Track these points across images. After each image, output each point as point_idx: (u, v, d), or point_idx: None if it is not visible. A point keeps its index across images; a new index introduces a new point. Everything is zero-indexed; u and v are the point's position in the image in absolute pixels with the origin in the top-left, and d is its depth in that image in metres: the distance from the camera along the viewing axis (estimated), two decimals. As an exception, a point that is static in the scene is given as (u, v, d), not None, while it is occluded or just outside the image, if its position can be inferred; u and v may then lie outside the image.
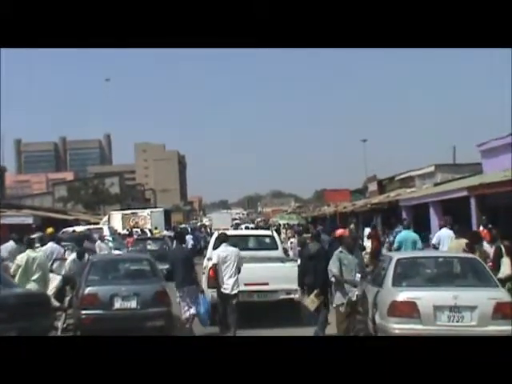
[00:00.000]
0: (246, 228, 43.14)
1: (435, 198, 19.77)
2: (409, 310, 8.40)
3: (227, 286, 10.83)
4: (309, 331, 10.44)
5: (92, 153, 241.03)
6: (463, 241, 12.32)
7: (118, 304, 10.62)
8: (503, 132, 20.50)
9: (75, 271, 12.13)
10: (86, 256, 12.91)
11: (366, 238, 22.98)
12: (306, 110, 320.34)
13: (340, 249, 9.76)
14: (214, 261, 11.08)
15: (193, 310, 11.08)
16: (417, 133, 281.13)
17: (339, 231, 11.47)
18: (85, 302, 10.64)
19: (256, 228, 44.06)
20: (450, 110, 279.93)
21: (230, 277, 10.84)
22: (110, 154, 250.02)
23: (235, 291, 10.85)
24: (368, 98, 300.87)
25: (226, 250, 11.16)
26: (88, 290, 10.77)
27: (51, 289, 11.83)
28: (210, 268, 11.59)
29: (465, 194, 17.39)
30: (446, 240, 13.96)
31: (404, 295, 8.57)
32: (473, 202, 16.97)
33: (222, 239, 11.62)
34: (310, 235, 17.80)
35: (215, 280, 11.05)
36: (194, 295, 11.21)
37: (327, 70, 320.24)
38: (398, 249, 15.16)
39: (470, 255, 10.55)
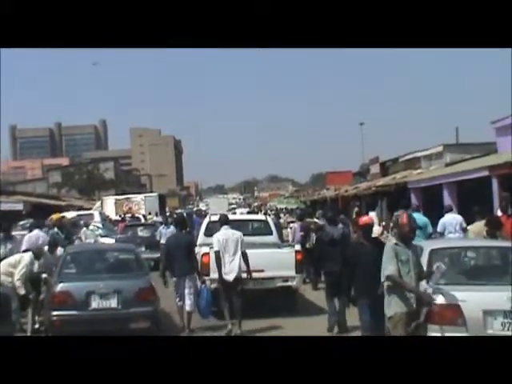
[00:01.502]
0: (241, 213, 42.65)
1: (450, 178, 18.20)
2: (452, 316, 6.55)
3: (230, 272, 10.19)
4: (307, 320, 10.06)
5: (88, 138, 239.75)
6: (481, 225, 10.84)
7: (95, 303, 9.14)
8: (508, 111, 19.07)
9: (47, 266, 10.52)
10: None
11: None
12: (303, 94, 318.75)
13: (394, 240, 6.93)
14: (216, 247, 10.34)
15: (190, 303, 10.24)
16: (417, 114, 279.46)
17: (364, 218, 9.26)
18: (56, 301, 9.15)
19: (251, 212, 43.36)
20: (452, 90, 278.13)
21: (233, 262, 10.22)
22: (105, 140, 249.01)
23: (238, 277, 10.25)
24: (365, 80, 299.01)
25: (226, 233, 10.47)
26: (60, 286, 9.28)
27: (19, 270, 10.00)
28: (204, 254, 11.08)
29: (485, 173, 15.95)
30: (451, 227, 13.00)
31: (445, 298, 6.63)
32: (495, 182, 15.53)
33: (223, 221, 10.86)
34: (313, 220, 17.14)
35: (209, 267, 10.61)
36: (194, 287, 10.37)
37: (324, 54, 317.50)
38: None
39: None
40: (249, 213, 43.92)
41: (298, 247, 12.38)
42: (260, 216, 17.58)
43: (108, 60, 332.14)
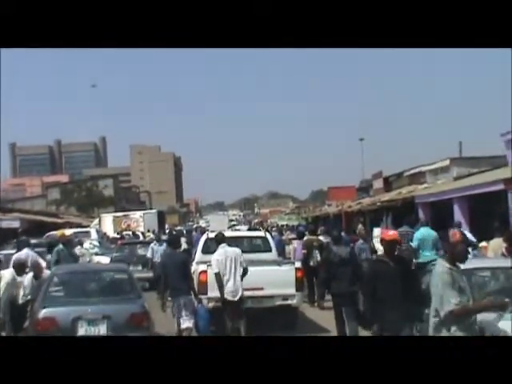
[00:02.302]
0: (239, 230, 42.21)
1: (462, 192, 17.41)
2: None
3: (232, 292, 9.96)
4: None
5: (87, 155, 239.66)
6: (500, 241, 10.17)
7: (82, 330, 8.29)
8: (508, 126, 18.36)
9: (32, 295, 9.58)
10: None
11: (375, 240, 20.85)
12: (303, 111, 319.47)
13: (446, 263, 5.64)
14: (215, 269, 10.05)
15: (189, 324, 9.77)
16: (418, 129, 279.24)
17: (390, 233, 7.76)
18: (39, 328, 8.29)
19: (250, 229, 42.85)
20: (454, 104, 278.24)
21: (234, 281, 9.98)
22: (105, 157, 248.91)
23: (239, 297, 10.01)
24: (365, 97, 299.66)
25: (224, 252, 10.18)
26: (44, 312, 8.42)
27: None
28: (201, 272, 10.85)
29: (501, 187, 15.13)
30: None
31: None
32: (510, 196, 14.70)
33: (220, 240, 10.56)
34: (315, 237, 16.57)
35: (207, 286, 10.45)
36: (191, 307, 9.85)
37: (325, 69, 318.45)
38: (418, 248, 13.54)
39: None
40: (248, 230, 43.26)
41: (298, 264, 11.95)
42: (259, 232, 16.96)
43: (108, 77, 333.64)
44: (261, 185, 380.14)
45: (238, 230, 38.91)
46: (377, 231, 21.96)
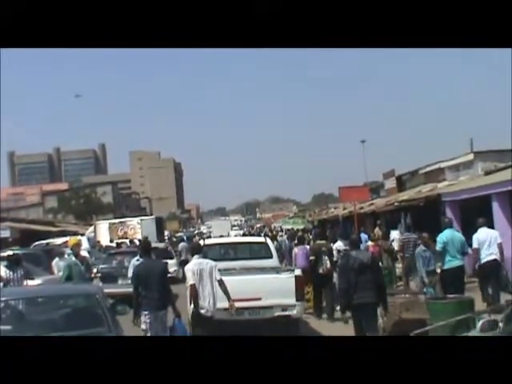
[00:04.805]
0: (244, 234, 41.98)
1: (504, 187, 15.07)
2: None
3: (206, 306, 9.28)
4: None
5: (87, 163, 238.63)
6: None
7: None
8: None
9: None
10: None
11: (394, 243, 18.86)
12: (304, 114, 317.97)
13: None
14: (191, 280, 9.38)
15: None
16: (419, 130, 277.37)
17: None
18: None
19: (248, 234, 42.42)
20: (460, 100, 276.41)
21: (207, 295, 9.29)
22: (105, 164, 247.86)
23: (213, 312, 9.37)
24: (366, 98, 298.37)
25: (199, 262, 9.53)
26: None
27: None
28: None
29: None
30: (485, 243, 12.10)
31: None
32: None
33: (196, 250, 10.06)
34: (324, 241, 15.49)
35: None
36: (165, 323, 9.03)
37: (326, 70, 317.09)
38: (443, 252, 12.05)
39: None
40: (244, 235, 42.34)
41: (298, 272, 11.21)
42: (259, 238, 16.42)
43: (105, 83, 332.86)
44: (262, 189, 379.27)
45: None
46: (394, 234, 20.16)
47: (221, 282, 9.42)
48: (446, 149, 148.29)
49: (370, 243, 15.24)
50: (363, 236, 17.87)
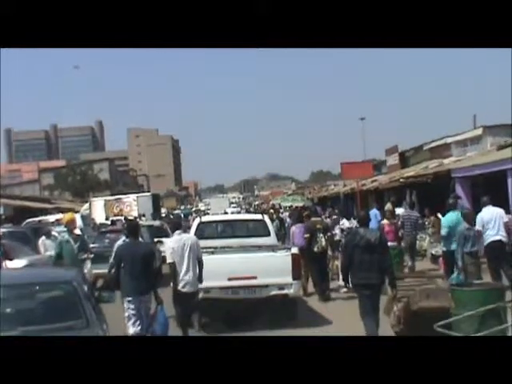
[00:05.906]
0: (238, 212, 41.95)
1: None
2: None
3: (185, 282, 9.20)
4: (307, 333, 9.09)
5: (84, 140, 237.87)
6: None
7: None
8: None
9: None
10: None
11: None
12: (302, 90, 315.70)
13: None
14: (169, 259, 9.33)
15: (137, 329, 8.49)
16: (420, 106, 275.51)
17: None
18: None
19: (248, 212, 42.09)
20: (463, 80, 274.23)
21: (188, 271, 9.22)
22: (102, 141, 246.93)
23: (194, 288, 9.32)
24: (364, 76, 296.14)
25: (179, 239, 9.46)
26: None
27: None
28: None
29: None
30: (490, 223, 11.36)
31: None
32: None
33: (176, 226, 10.20)
34: (319, 218, 15.35)
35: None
36: (148, 309, 8.74)
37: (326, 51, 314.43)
38: (448, 236, 11.56)
39: None
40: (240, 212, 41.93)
41: (294, 250, 11.11)
42: (256, 216, 15.82)
43: (104, 60, 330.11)
44: (260, 167, 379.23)
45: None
46: (399, 211, 19.33)
47: (200, 261, 9.41)
48: (448, 125, 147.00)
49: (385, 221, 14.25)
50: (374, 212, 16.96)
